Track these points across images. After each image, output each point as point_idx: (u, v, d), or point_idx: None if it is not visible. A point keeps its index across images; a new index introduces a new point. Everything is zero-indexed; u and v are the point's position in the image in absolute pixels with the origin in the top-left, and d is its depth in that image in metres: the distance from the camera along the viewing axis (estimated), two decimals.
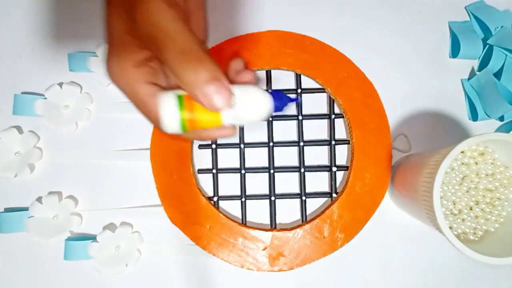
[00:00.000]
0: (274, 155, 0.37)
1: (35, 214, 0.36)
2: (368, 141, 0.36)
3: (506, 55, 0.36)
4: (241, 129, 0.37)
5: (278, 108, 0.24)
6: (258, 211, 0.37)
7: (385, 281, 0.36)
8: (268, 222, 0.37)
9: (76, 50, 0.38)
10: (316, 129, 0.38)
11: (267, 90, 0.25)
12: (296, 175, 0.37)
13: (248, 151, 0.37)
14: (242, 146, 0.37)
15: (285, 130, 0.37)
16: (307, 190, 0.37)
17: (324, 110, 0.38)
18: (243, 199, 0.37)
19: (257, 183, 0.37)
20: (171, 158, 0.36)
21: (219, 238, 0.35)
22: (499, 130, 0.37)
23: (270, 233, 0.36)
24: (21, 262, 0.37)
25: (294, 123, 0.38)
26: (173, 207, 0.36)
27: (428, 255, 0.37)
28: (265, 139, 0.37)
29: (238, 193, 0.37)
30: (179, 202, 0.36)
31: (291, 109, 0.38)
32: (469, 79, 0.38)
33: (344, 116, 0.37)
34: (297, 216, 0.37)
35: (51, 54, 0.39)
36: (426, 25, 0.39)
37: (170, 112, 0.23)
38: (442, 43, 0.38)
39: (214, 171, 0.37)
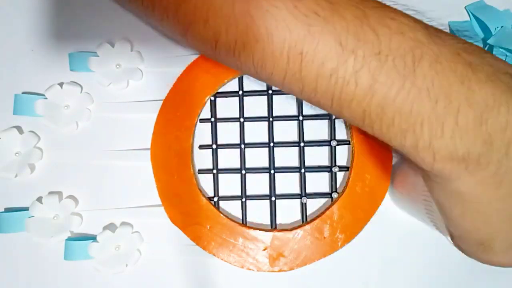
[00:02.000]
0: (275, 156, 0.37)
1: (35, 214, 0.36)
2: (368, 141, 0.36)
3: (506, 55, 0.36)
4: (242, 130, 0.37)
5: None
6: (258, 212, 0.37)
7: (385, 282, 0.36)
8: (269, 222, 0.37)
9: (77, 50, 0.38)
10: (316, 130, 0.38)
11: None
12: (296, 175, 0.37)
13: (248, 152, 0.37)
14: (242, 146, 0.37)
15: (285, 130, 0.37)
16: (308, 191, 0.37)
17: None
18: (243, 200, 0.37)
19: (258, 184, 0.37)
20: (171, 158, 0.36)
21: (220, 238, 0.35)
22: None
23: (270, 234, 0.36)
24: (21, 262, 0.37)
25: (294, 123, 0.38)
26: (173, 207, 0.36)
27: (428, 255, 0.37)
28: (265, 139, 0.37)
29: (239, 193, 0.37)
30: (180, 202, 0.36)
31: (291, 109, 0.38)
32: None
33: None
34: (298, 216, 0.37)
35: (51, 54, 0.39)
36: None
37: None
38: None
39: (214, 171, 0.37)
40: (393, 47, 0.21)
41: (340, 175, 0.37)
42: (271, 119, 0.37)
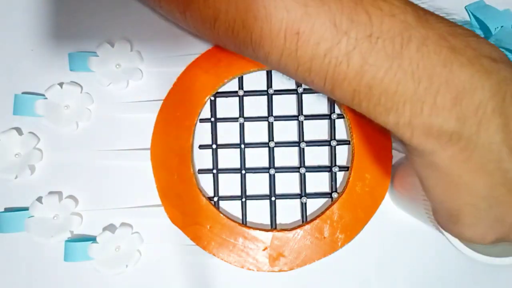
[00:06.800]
0: (275, 156, 0.37)
1: (35, 214, 0.36)
2: (368, 141, 0.36)
3: (506, 55, 0.36)
4: (242, 130, 0.37)
5: None
6: (258, 212, 0.37)
7: (385, 282, 0.36)
8: (269, 222, 0.37)
9: (77, 49, 0.38)
10: (316, 130, 0.38)
11: None
12: (296, 175, 0.37)
13: (248, 152, 0.37)
14: (242, 146, 0.37)
15: (285, 130, 0.37)
16: (308, 191, 0.37)
17: (325, 110, 0.38)
18: (243, 199, 0.37)
19: (258, 184, 0.37)
20: (171, 158, 0.36)
21: (219, 238, 0.35)
22: None
23: (270, 234, 0.36)
24: (21, 262, 0.37)
25: (294, 123, 0.38)
26: (173, 207, 0.36)
27: (428, 255, 0.37)
28: (265, 139, 0.37)
29: (239, 193, 0.37)
30: (180, 202, 0.36)
31: (291, 109, 0.38)
32: None
33: (345, 116, 0.37)
34: (297, 216, 0.37)
35: (51, 54, 0.39)
36: None
37: None
38: None
39: (214, 171, 0.37)
40: (384, 29, 0.22)
41: (340, 175, 0.37)
42: (271, 119, 0.37)
